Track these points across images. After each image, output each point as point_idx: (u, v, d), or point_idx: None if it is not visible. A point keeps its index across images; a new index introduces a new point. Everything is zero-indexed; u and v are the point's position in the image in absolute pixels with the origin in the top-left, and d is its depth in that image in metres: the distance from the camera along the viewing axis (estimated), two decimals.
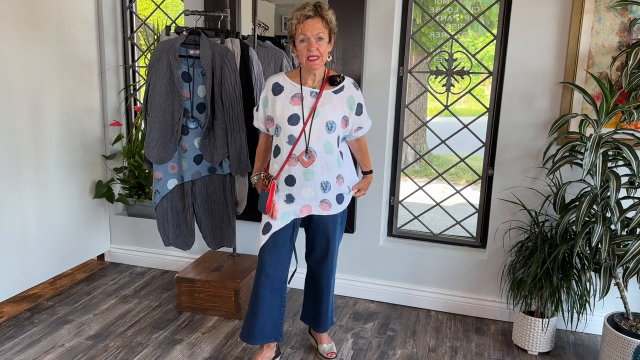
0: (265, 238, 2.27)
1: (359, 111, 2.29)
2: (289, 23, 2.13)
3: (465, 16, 3.03)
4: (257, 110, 2.34)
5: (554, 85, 2.72)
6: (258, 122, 2.34)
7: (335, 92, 2.23)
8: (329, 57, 2.19)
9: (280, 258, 2.30)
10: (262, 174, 2.33)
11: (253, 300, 2.36)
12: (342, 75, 2.26)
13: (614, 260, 2.35)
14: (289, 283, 2.44)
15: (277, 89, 2.23)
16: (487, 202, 3.05)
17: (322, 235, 2.35)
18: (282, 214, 2.26)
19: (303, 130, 2.18)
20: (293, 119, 2.18)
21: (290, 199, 2.25)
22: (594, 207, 2.43)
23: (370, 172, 2.49)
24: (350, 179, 2.37)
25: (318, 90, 2.21)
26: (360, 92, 2.30)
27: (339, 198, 2.30)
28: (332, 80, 2.22)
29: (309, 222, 2.35)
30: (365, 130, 2.36)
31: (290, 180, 2.22)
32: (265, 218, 2.30)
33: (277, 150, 2.25)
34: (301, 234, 2.97)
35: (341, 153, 2.30)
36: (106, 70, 3.52)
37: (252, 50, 2.85)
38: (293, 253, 2.42)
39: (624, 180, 2.51)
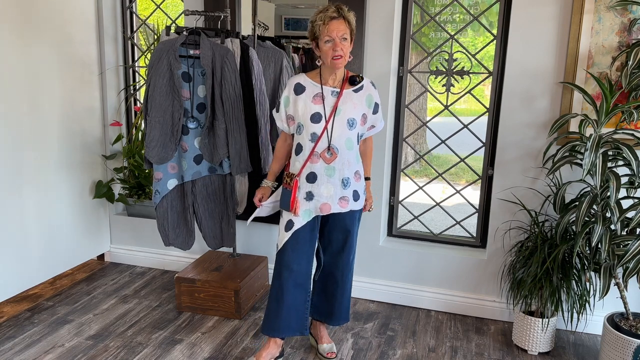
0: (287, 235, 2.31)
1: (375, 110, 2.35)
2: (312, 25, 2.17)
3: (465, 16, 3.03)
4: (277, 111, 2.36)
5: (554, 85, 2.72)
6: (281, 122, 2.36)
7: (355, 91, 2.30)
8: (349, 57, 2.24)
9: (303, 254, 2.34)
10: (285, 176, 2.36)
11: (276, 296, 2.38)
12: (361, 75, 2.33)
13: (614, 260, 2.35)
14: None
15: (299, 89, 2.28)
16: (487, 202, 3.05)
17: (340, 230, 2.40)
18: (303, 211, 2.30)
19: (325, 127, 2.23)
20: (315, 117, 2.24)
21: (309, 196, 2.29)
22: (594, 207, 2.43)
23: (368, 178, 2.49)
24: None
25: (338, 90, 2.27)
26: (377, 92, 2.37)
27: (355, 195, 2.34)
28: (352, 80, 2.29)
29: (326, 219, 2.40)
30: (377, 129, 2.41)
31: (312, 178, 2.27)
32: (287, 216, 2.33)
33: (299, 148, 2.29)
34: None
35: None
36: (106, 70, 3.52)
37: (252, 50, 2.85)
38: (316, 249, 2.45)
39: (624, 180, 2.51)
